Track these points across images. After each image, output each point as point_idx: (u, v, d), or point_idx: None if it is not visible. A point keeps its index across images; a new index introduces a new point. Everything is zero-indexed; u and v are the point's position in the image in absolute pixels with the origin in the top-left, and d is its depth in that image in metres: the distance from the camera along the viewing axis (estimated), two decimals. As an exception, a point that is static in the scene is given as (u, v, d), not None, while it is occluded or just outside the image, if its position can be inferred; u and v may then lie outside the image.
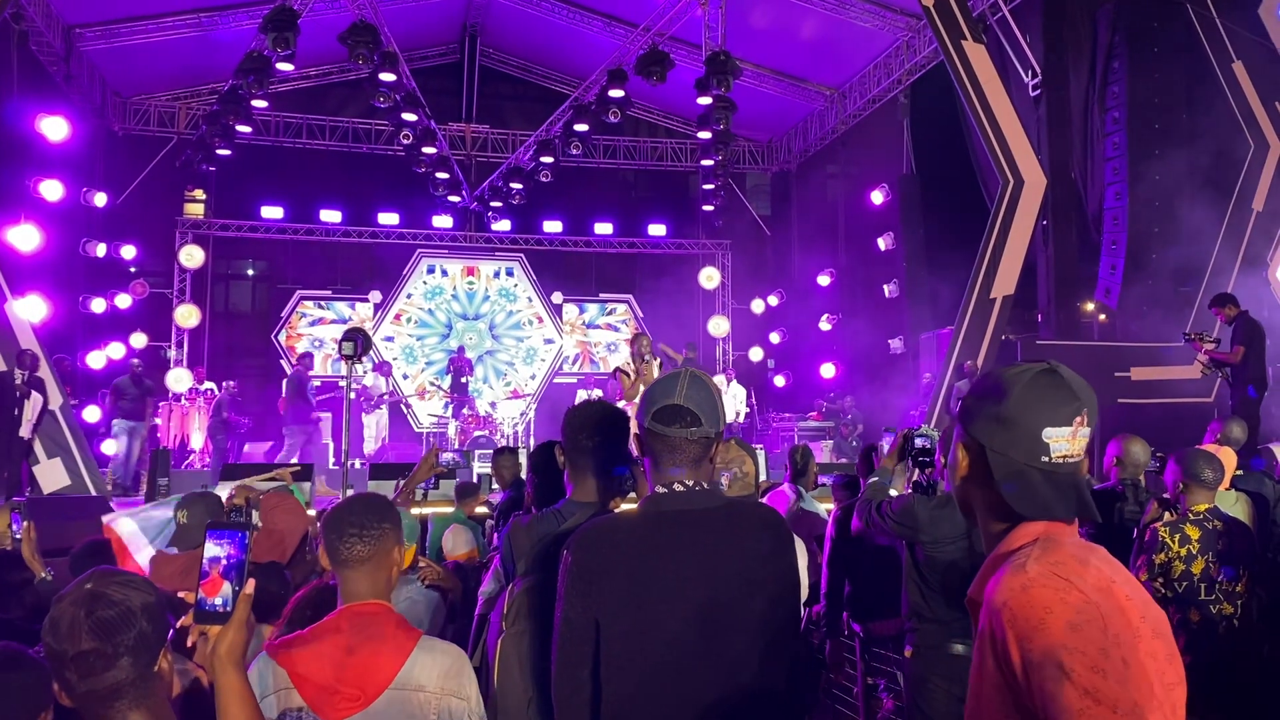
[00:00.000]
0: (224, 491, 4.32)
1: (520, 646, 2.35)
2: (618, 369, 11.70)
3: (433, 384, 17.61)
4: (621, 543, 1.97)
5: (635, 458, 2.73)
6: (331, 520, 2.24)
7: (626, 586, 1.93)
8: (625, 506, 2.59)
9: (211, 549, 1.64)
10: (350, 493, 9.08)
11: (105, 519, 3.95)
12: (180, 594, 1.65)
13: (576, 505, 2.51)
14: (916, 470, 4.14)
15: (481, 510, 6.70)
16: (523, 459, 6.40)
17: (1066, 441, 1.48)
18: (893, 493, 4.21)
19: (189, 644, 1.64)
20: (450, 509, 6.15)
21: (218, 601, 1.62)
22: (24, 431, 9.76)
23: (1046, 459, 1.48)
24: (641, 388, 11.49)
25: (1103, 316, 13.83)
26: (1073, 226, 13.10)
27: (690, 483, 2.01)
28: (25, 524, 3.81)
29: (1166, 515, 4.18)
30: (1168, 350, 11.57)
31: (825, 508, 6.33)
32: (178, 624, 1.63)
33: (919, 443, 4.12)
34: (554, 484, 2.89)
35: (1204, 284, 12.62)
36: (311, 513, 6.48)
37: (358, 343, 5.99)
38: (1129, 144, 13.14)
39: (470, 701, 2.20)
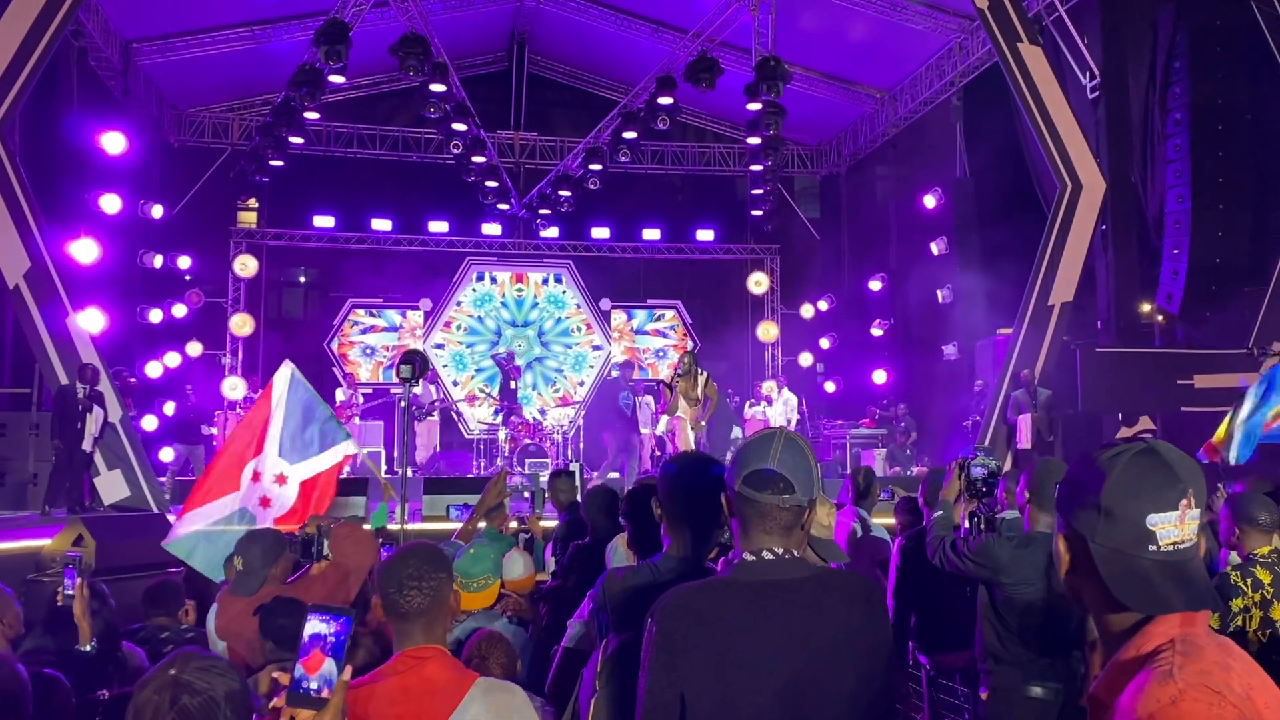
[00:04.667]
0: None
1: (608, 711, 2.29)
2: (660, 381, 11.64)
3: (482, 390, 17.66)
4: (707, 613, 1.89)
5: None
6: (388, 575, 2.24)
7: (712, 660, 1.86)
8: None
9: (316, 625, 1.59)
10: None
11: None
12: (275, 674, 1.60)
13: (674, 560, 2.43)
14: (975, 501, 4.00)
15: (513, 525, 6.62)
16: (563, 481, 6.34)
17: (1174, 528, 1.38)
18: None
19: None
20: (481, 525, 6.06)
21: (314, 685, 1.56)
22: (86, 445, 9.93)
23: (1154, 548, 1.39)
24: (682, 401, 11.44)
25: (1160, 318, 13.49)
26: (1133, 231, 12.82)
27: (780, 550, 1.93)
28: (79, 581, 3.56)
29: (1233, 557, 4.01)
30: (1232, 357, 11.27)
31: (885, 522, 6.21)
32: (270, 705, 1.59)
33: (976, 471, 3.97)
34: (650, 529, 2.83)
35: (1270, 289, 12.26)
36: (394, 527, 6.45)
37: (415, 365, 5.98)
38: (1191, 146, 12.83)
39: None
